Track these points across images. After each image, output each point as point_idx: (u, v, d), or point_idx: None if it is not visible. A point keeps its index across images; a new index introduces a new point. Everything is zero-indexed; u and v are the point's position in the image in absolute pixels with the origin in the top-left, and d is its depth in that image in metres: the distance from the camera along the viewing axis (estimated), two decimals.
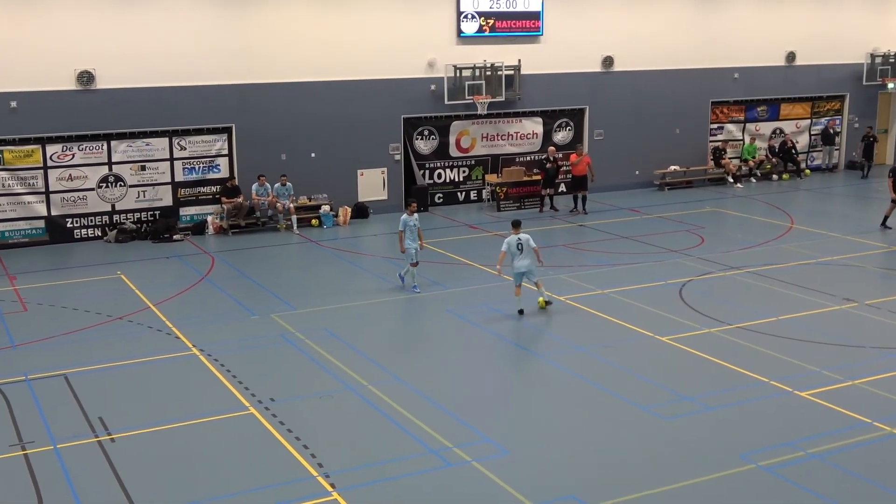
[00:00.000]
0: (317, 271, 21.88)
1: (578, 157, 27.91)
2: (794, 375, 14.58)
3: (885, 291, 19.48)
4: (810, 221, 26.15)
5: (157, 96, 25.01)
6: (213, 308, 18.72)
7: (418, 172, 28.92)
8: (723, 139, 33.20)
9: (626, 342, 16.36)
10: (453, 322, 17.73)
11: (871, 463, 11.71)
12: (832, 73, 34.62)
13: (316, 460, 11.94)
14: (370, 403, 13.82)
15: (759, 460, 11.75)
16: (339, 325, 17.44)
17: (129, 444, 12.57)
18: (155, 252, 23.82)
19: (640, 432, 12.77)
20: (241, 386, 14.50)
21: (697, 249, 22.97)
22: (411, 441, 12.52)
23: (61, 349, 16.34)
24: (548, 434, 12.83)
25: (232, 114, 26.01)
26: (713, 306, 18.22)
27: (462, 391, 14.33)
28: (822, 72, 34.39)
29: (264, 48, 26.00)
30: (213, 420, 13.33)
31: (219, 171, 26.23)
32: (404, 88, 27.96)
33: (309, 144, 27.00)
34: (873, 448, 12.15)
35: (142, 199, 25.55)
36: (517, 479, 11.38)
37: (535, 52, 29.36)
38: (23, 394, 14.28)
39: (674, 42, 31.43)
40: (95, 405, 13.81)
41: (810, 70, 34.14)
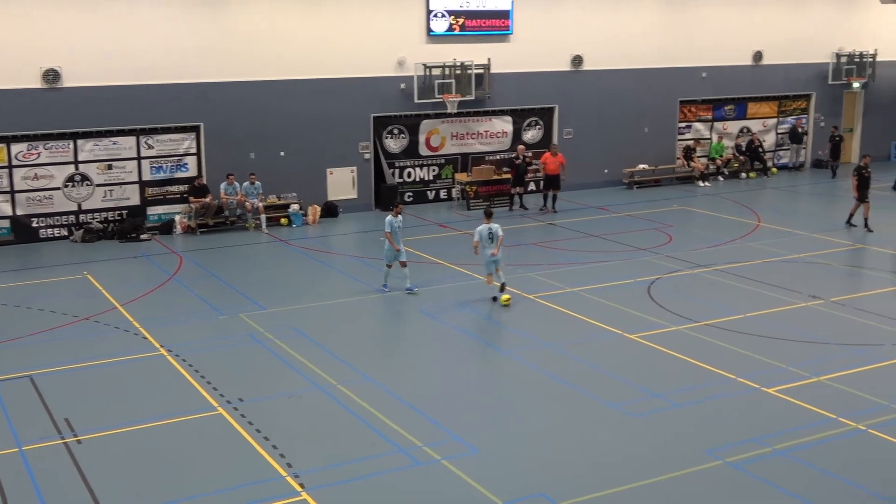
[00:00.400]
0: (286, 270, 21.80)
1: (553, 155, 27.89)
2: (761, 372, 14.71)
3: (850, 289, 19.71)
4: (777, 219, 26.39)
5: (124, 94, 24.80)
6: (181, 308, 18.60)
7: (388, 171, 28.88)
8: (693, 137, 33.40)
9: (596, 340, 16.44)
10: (423, 321, 17.73)
11: (837, 458, 11.85)
12: (798, 73, 34.95)
13: (285, 460, 11.90)
14: (339, 403, 13.79)
15: (727, 456, 11.85)
16: (308, 325, 17.39)
17: (96, 445, 12.47)
18: (122, 252, 23.63)
19: (609, 430, 12.84)
20: (210, 386, 14.42)
21: (666, 247, 23.12)
22: (381, 440, 12.51)
23: (27, 350, 16.17)
24: (517, 432, 12.86)
25: (200, 112, 25.84)
26: (681, 304, 18.35)
27: (432, 390, 14.34)
28: (788, 71, 34.71)
29: (233, 46, 25.86)
30: (181, 421, 13.25)
31: (187, 169, 26.06)
32: (374, 87, 27.92)
33: (278, 143, 26.88)
34: (839, 444, 12.29)
35: (109, 199, 25.32)
36: (487, 477, 11.40)
37: (504, 50, 29.41)
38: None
39: (642, 41, 31.59)
40: (62, 406, 13.68)
41: (777, 69, 34.45)
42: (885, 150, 36.36)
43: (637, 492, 11.08)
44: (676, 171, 32.97)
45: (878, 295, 19.30)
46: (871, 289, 19.91)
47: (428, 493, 11.12)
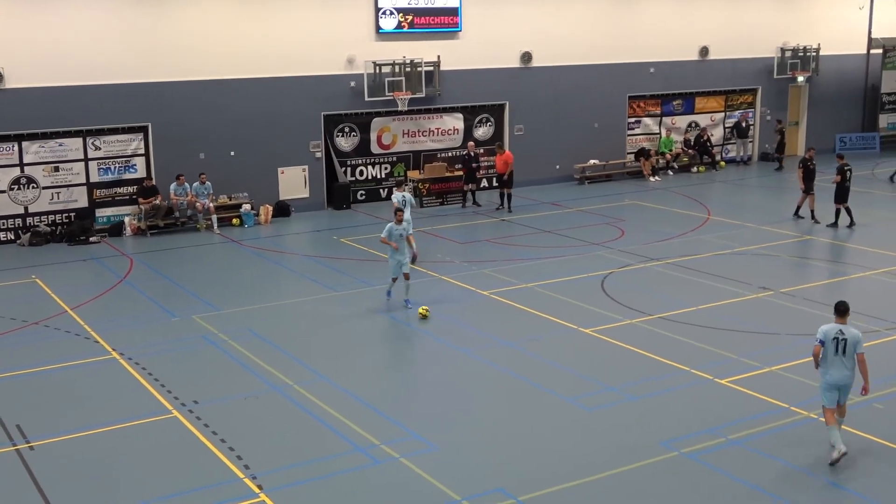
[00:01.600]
0: (239, 271, 21.65)
1: (500, 154, 27.77)
2: (713, 363, 14.92)
3: (798, 280, 20.04)
4: (726, 213, 26.74)
5: (70, 95, 24.45)
6: (133, 311, 18.40)
7: (340, 170, 28.80)
8: (644, 137, 33.70)
9: (550, 335, 16.55)
10: (378, 319, 17.72)
11: (790, 446, 12.06)
12: (744, 67, 35.45)
13: (242, 462, 11.84)
14: (296, 403, 13.74)
15: (682, 447, 12.01)
16: (262, 326, 17.29)
17: (49, 451, 12.31)
18: (71, 255, 23.30)
19: (565, 424, 12.94)
20: (164, 389, 14.29)
21: (618, 242, 23.33)
22: (338, 439, 12.49)
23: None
24: (475, 428, 12.91)
25: (148, 112, 25.55)
26: (634, 297, 18.53)
27: (389, 388, 14.35)
28: (734, 66, 35.18)
29: (180, 45, 25.60)
30: (135, 425, 13.11)
31: (135, 170, 25.76)
32: (324, 85, 27.81)
33: (228, 143, 26.68)
34: (791, 432, 12.51)
35: (56, 201, 24.96)
36: (445, 473, 11.44)
37: (454, 48, 29.46)
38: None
39: (591, 37, 31.81)
40: (13, 413, 13.48)
41: (724, 64, 34.90)
42: (830, 143, 36.98)
43: (594, 485, 11.19)
44: (627, 166, 33.28)
45: (826, 285, 19.66)
46: (820, 279, 20.28)
47: (387, 491, 11.13)
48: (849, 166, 24.58)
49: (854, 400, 13.40)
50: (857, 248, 22.41)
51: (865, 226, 24.57)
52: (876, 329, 16.36)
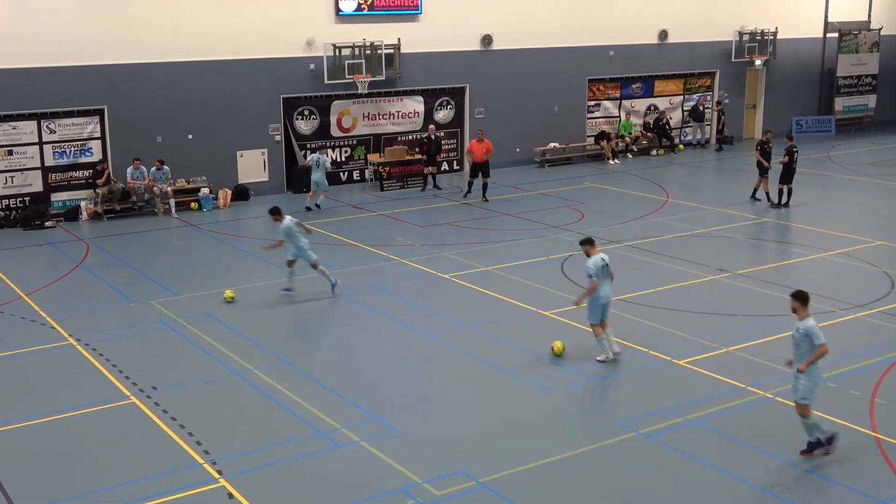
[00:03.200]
0: (197, 255, 21.49)
1: (479, 142, 26.66)
2: (671, 344, 15.07)
3: (755, 261, 20.28)
4: (684, 195, 26.98)
5: (22, 78, 24.05)
6: (90, 296, 18.20)
7: (300, 153, 28.64)
8: (604, 120, 33.86)
9: (511, 318, 16.61)
10: (339, 303, 17.68)
11: (747, 426, 12.23)
12: (703, 51, 35.69)
13: (202, 447, 11.78)
14: (256, 388, 13.69)
15: (640, 428, 12.13)
16: (222, 310, 17.19)
17: (3, 439, 12.20)
18: (26, 240, 22.99)
19: (525, 406, 13.01)
20: (122, 375, 14.18)
21: (578, 224, 23.44)
22: (299, 424, 12.47)
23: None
24: (436, 411, 12.95)
25: (103, 95, 25.21)
26: None
27: (349, 372, 14.33)
28: (693, 49, 35.41)
29: (137, 27, 25.27)
30: (92, 411, 13.01)
31: (91, 154, 25.43)
32: (282, 68, 27.60)
33: (185, 126, 26.41)
34: (748, 412, 12.68)
35: (10, 185, 24.58)
36: (407, 457, 11.47)
37: (414, 30, 29.35)
38: None
39: (551, 21, 31.84)
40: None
41: (682, 47, 35.10)
42: (786, 126, 37.38)
43: (554, 465, 11.27)
44: (587, 149, 33.42)
45: (782, 266, 19.92)
46: (776, 261, 20.54)
47: (349, 474, 11.13)
48: (796, 148, 24.99)
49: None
50: (812, 229, 22.70)
51: (820, 208, 24.92)
52: (830, 310, 16.61)
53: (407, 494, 10.61)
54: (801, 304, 11.34)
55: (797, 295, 11.40)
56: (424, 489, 10.71)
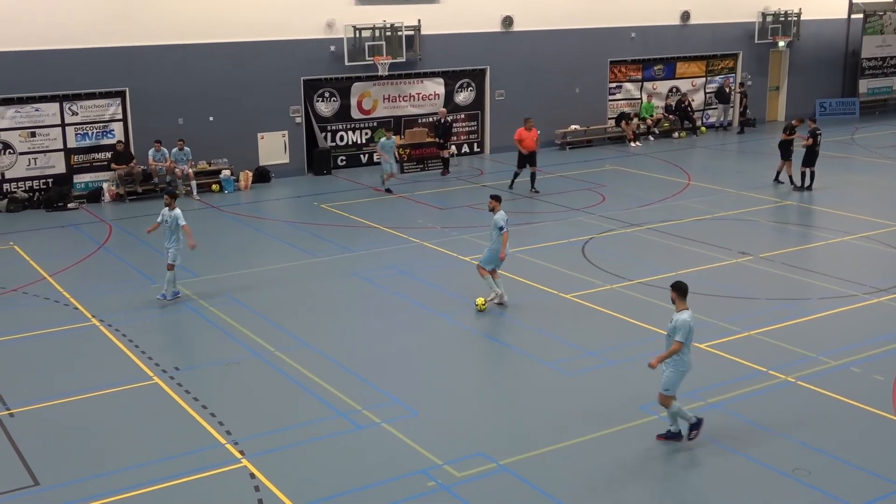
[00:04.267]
0: (219, 237, 21.57)
1: (528, 130, 25.42)
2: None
3: (777, 245, 20.17)
4: (706, 178, 26.84)
5: (46, 60, 24.17)
6: (112, 277, 18.33)
7: (320, 135, 28.67)
8: (625, 102, 33.70)
9: (531, 300, 16.61)
10: (359, 285, 17.72)
11: (768, 410, 12.19)
12: (725, 32, 35.41)
13: (224, 428, 11.87)
14: (277, 369, 13.77)
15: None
16: (243, 292, 17.27)
17: (29, 418, 12.31)
18: (49, 221, 23.17)
19: (545, 388, 13.02)
20: (145, 356, 14.29)
21: (598, 207, 23.38)
22: (320, 405, 12.54)
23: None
24: (455, 393, 12.98)
25: (125, 77, 25.31)
26: (615, 263, 18.61)
27: (369, 354, 14.38)
28: (715, 31, 35.14)
29: (158, 8, 25.34)
30: (116, 391, 13.12)
31: (113, 136, 25.55)
32: (303, 50, 27.61)
33: (207, 108, 26.49)
34: (769, 395, 12.64)
35: (33, 167, 24.75)
36: (427, 438, 11.51)
37: (434, 12, 29.26)
38: None
39: (572, 2, 31.65)
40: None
41: (705, 29, 34.84)
42: (810, 108, 37.09)
43: (574, 448, 11.29)
44: (608, 131, 33.28)
45: (804, 250, 19.81)
46: (798, 244, 20.42)
47: (369, 456, 11.19)
48: (819, 131, 24.82)
49: (831, 364, 13.60)
50: (835, 212, 22.55)
51: (843, 191, 24.75)
52: (853, 294, 16.52)
53: (427, 476, 10.66)
54: (678, 295, 11.14)
55: (675, 286, 11.21)
56: (445, 471, 10.76)
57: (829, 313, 15.72)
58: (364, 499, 10.23)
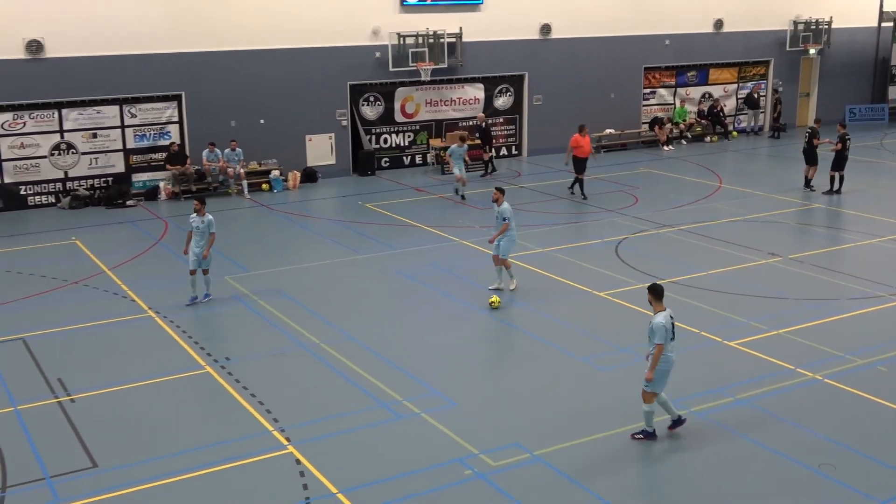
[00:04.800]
0: (268, 234, 21.72)
1: (583, 136, 24.93)
2: (723, 326, 14.89)
3: (806, 246, 19.92)
4: (737, 181, 26.56)
5: (107, 64, 24.48)
6: (168, 271, 18.51)
7: (365, 137, 28.75)
8: (659, 107, 33.44)
9: (566, 298, 16.54)
10: (401, 281, 17.76)
11: (795, 406, 12.05)
12: (758, 40, 35.01)
13: (271, 416, 11.95)
14: (322, 360, 13.84)
15: (691, 406, 12.02)
16: (290, 286, 17.38)
17: (88, 404, 12.47)
18: (109, 218, 23.45)
19: (579, 383, 12.97)
20: (197, 346, 14.42)
21: (632, 209, 23.23)
22: (363, 395, 12.58)
23: (19, 313, 16.08)
24: (493, 386, 12.97)
25: (181, 81, 25.56)
26: (647, 262, 18.48)
27: (411, 347, 14.40)
28: (748, 38, 34.75)
29: (213, 16, 25.55)
30: (170, 379, 13.26)
31: (169, 137, 25.82)
32: (350, 56, 27.70)
33: (258, 111, 26.67)
34: (797, 393, 12.49)
35: (94, 166, 25.09)
36: (464, 429, 11.51)
37: (475, 19, 29.23)
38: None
39: (608, 10, 31.48)
40: (54, 367, 13.65)
41: (737, 36, 34.47)
42: (840, 114, 36.56)
43: (606, 441, 11.23)
44: (642, 135, 33.05)
45: (833, 252, 19.54)
46: (827, 246, 20.14)
47: (409, 444, 11.21)
48: (849, 136, 24.46)
49: (857, 363, 13.41)
50: (863, 215, 22.21)
51: (872, 195, 24.38)
52: (881, 294, 16.27)
53: (464, 464, 10.66)
54: (653, 296, 11.03)
55: (650, 288, 11.10)
56: (481, 460, 10.75)
57: (857, 313, 15.50)
58: (403, 486, 10.25)
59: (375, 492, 10.12)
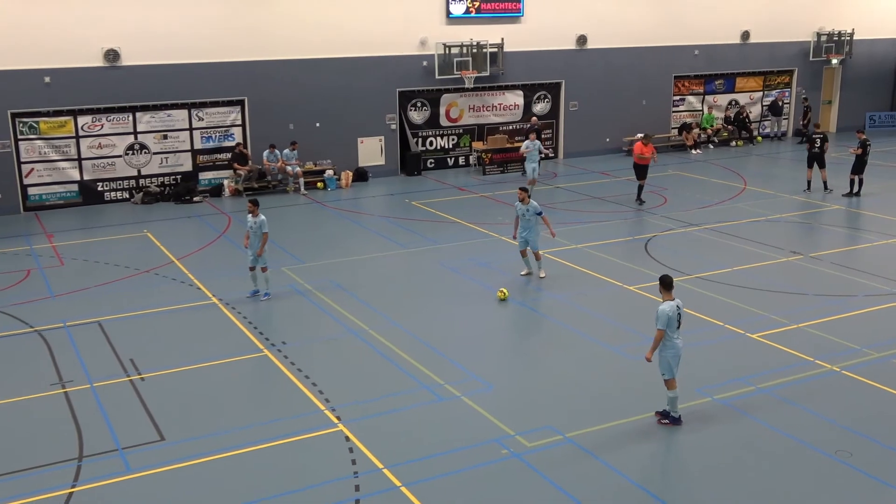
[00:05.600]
0: (322, 229, 21.86)
1: (645, 144, 23.49)
2: (745, 319, 14.71)
3: (826, 245, 19.60)
4: (761, 183, 26.20)
5: (177, 72, 24.78)
6: (230, 262, 18.70)
7: (412, 140, 28.81)
8: (687, 113, 33.10)
9: (598, 291, 16.45)
10: (444, 273, 17.77)
11: (813, 396, 11.89)
12: (782, 50, 34.48)
13: (323, 396, 12.04)
14: (370, 346, 13.91)
15: (714, 394, 11.91)
16: (342, 277, 17.47)
17: (157, 382, 12.66)
18: (177, 212, 23.75)
19: (609, 370, 12.89)
20: (256, 331, 14.56)
21: (661, 208, 23.02)
22: (407, 378, 12.63)
23: (95, 299, 16.35)
24: (527, 372, 12.94)
25: (244, 88, 25.79)
26: (675, 259, 18.31)
27: (452, 334, 14.41)
28: (773, 49, 34.23)
29: (273, 28, 25.74)
30: (231, 361, 13.41)
31: (233, 139, 26.07)
32: (399, 64, 27.76)
33: (314, 115, 26.84)
34: (815, 383, 12.32)
35: (165, 165, 25.43)
36: (501, 411, 11.51)
37: (516, 31, 29.13)
38: (61, 339, 14.33)
39: (641, 21, 31.21)
40: (127, 348, 13.87)
41: (763, 47, 33.98)
42: (861, 121, 35.91)
43: (634, 425, 11.17)
44: (671, 139, 32.73)
45: (852, 251, 19.20)
46: (846, 245, 19.80)
47: (449, 425, 11.23)
48: (869, 141, 24.07)
49: (873, 356, 13.19)
50: (882, 217, 21.79)
51: (891, 197, 23.91)
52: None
53: (501, 444, 10.66)
54: (663, 287, 11.18)
55: (661, 279, 11.27)
56: (517, 440, 10.74)
57: (874, 309, 15.23)
58: (444, 463, 10.28)
59: (418, 468, 10.17)
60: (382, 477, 10.01)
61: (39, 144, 23.82)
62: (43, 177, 24.02)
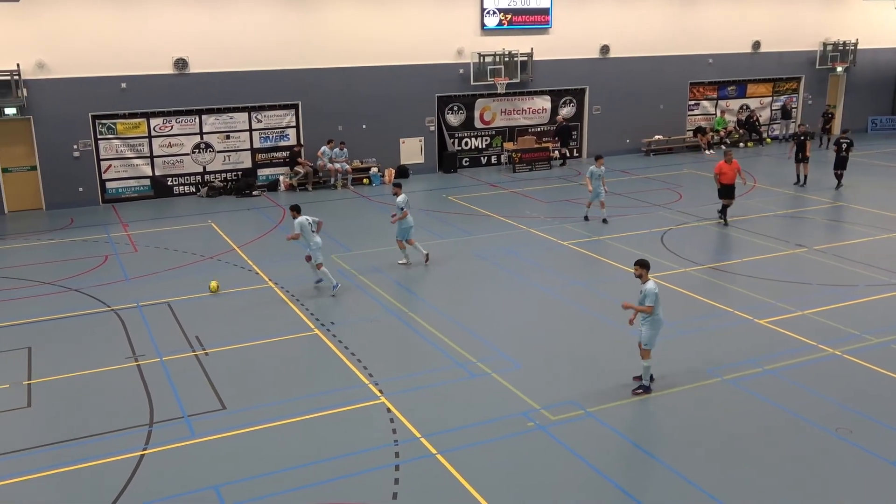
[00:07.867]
0: (367, 220, 21.90)
1: (728, 163, 20.38)
2: (753, 306, 14.51)
3: (830, 238, 19.26)
4: (770, 181, 25.79)
5: (238, 78, 24.94)
6: (285, 250, 18.80)
7: (449, 141, 28.75)
8: (702, 117, 32.67)
9: (617, 279, 16.32)
10: (477, 262, 17.74)
11: (816, 377, 11.70)
12: (790, 59, 33.86)
13: (367, 371, 12.09)
14: (410, 326, 13.93)
15: (724, 374, 11.78)
16: (385, 264, 17.50)
17: (219, 357, 12.79)
18: (238, 205, 23.94)
19: (628, 351, 12.77)
20: (308, 312, 14.65)
21: (676, 204, 22.76)
22: (443, 356, 12.63)
23: (165, 282, 16.55)
24: (553, 352, 12.88)
25: (298, 93, 25.90)
26: (689, 250, 18.11)
27: (484, 316, 14.39)
28: (781, 57, 33.64)
29: (323, 39, 25.79)
30: (285, 339, 13.50)
31: (288, 139, 26.20)
32: (438, 72, 27.69)
33: (360, 118, 26.88)
34: (818, 365, 12.13)
35: (227, 162, 25.63)
36: (528, 387, 11.48)
37: (544, 41, 28.92)
38: (135, 318, 14.52)
39: (659, 32, 30.83)
40: (193, 326, 14.02)
41: (772, 56, 33.40)
42: (863, 124, 35.21)
43: (650, 401, 11.09)
44: (686, 141, 32.34)
45: (854, 244, 18.84)
46: (849, 238, 19.43)
47: (481, 398, 11.23)
48: (846, 140, 24.22)
49: (873, 341, 12.95)
50: (882, 213, 21.36)
51: (891, 195, 23.42)
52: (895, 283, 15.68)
53: (527, 417, 10.64)
54: (643, 269, 11.24)
55: (639, 262, 11.32)
56: (542, 414, 10.71)
57: (873, 298, 14.94)
58: (475, 433, 10.27)
59: (453, 438, 10.17)
60: (420, 445, 10.03)
61: (116, 143, 24.13)
62: (119, 172, 24.33)
